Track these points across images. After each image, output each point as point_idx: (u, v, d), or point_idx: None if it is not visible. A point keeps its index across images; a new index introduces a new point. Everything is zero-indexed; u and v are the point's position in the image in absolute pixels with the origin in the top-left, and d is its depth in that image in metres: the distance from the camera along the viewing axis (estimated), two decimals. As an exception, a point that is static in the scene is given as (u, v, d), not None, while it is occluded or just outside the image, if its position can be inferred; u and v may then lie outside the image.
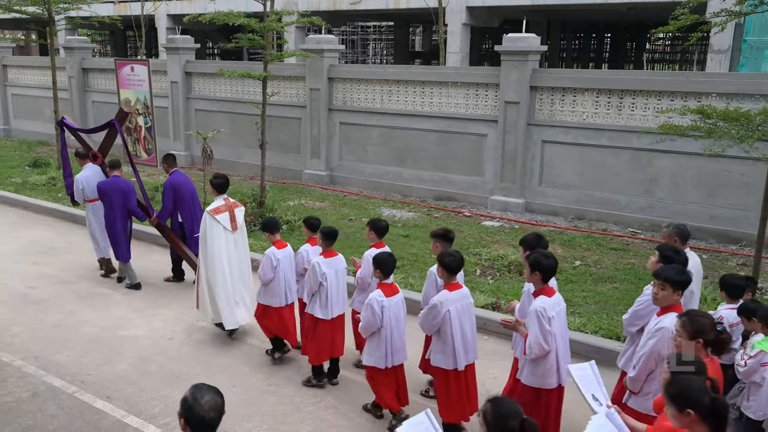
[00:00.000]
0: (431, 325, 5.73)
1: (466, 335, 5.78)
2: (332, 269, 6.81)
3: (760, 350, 5.22)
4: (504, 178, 13.30)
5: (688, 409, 3.44)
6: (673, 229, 6.30)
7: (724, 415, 3.43)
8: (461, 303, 5.75)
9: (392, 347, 6.06)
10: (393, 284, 6.14)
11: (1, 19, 25.37)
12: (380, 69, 17.25)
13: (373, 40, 40.16)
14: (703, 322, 4.29)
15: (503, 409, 3.35)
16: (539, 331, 5.16)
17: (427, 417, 3.82)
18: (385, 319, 5.96)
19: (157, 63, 18.53)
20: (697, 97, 11.30)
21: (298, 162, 16.19)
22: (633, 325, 5.54)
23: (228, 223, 7.98)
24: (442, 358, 5.77)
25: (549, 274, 5.33)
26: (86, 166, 10.24)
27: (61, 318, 8.60)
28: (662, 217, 11.82)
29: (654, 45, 38.58)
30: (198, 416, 3.28)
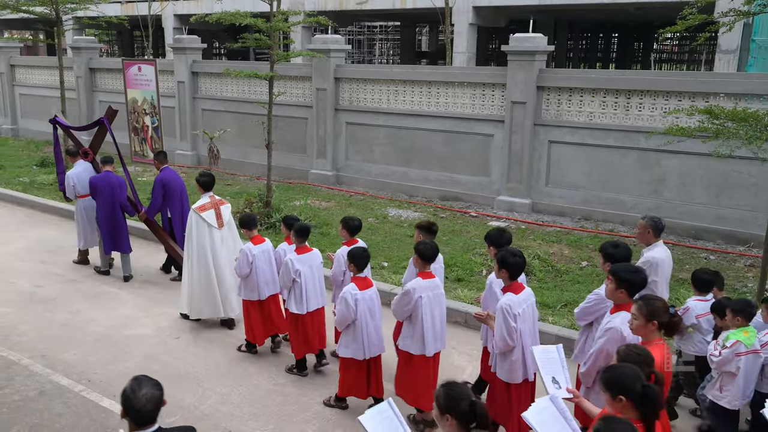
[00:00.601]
0: (403, 310, 5.93)
1: (435, 323, 5.99)
2: (306, 265, 6.99)
3: (737, 340, 5.39)
4: (510, 179, 13.27)
5: (620, 395, 3.62)
6: (648, 221, 6.43)
7: (654, 402, 3.60)
8: (433, 292, 5.96)
9: (368, 339, 6.20)
10: (367, 278, 6.32)
11: (9, 19, 25.44)
12: (387, 69, 17.24)
13: (380, 40, 40.17)
14: (657, 305, 4.48)
15: (454, 392, 3.50)
16: (504, 327, 5.30)
17: (389, 406, 3.98)
18: (360, 311, 6.12)
19: (164, 63, 18.56)
20: (705, 98, 11.25)
21: (305, 162, 16.19)
22: (583, 320, 5.69)
23: (214, 220, 8.23)
24: (411, 343, 5.97)
25: (516, 271, 5.46)
26: (77, 163, 10.47)
27: (67, 317, 8.63)
28: (670, 218, 11.77)
29: (662, 45, 38.51)
30: (135, 408, 3.49)
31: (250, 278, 7.48)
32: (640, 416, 3.62)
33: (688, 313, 6.14)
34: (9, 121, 23.23)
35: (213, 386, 6.95)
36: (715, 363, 5.52)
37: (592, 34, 38.52)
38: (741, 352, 5.40)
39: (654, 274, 6.15)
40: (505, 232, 6.38)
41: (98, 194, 9.84)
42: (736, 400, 5.47)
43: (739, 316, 5.55)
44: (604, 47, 39.50)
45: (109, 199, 9.84)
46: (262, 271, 7.48)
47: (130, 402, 3.50)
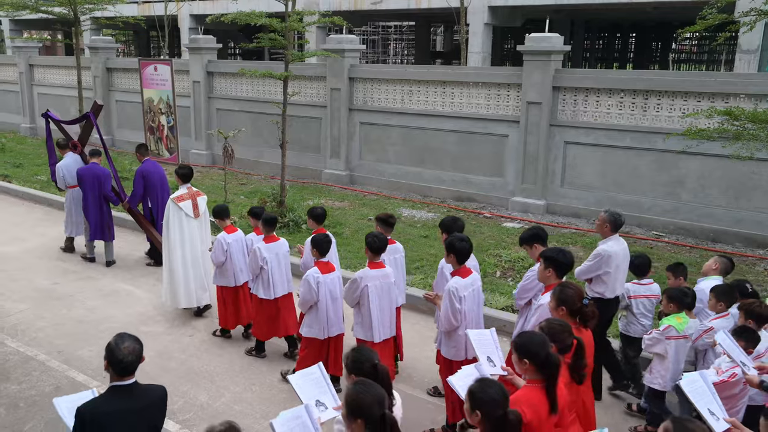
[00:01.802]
0: (351, 298, 6.31)
1: (383, 311, 6.33)
2: (273, 253, 7.37)
3: (669, 325, 5.78)
4: (525, 179, 13.22)
5: (525, 359, 3.97)
6: (608, 215, 6.68)
7: (556, 368, 3.94)
8: (381, 281, 6.28)
9: (329, 320, 6.56)
10: (329, 263, 6.67)
11: (28, 19, 25.66)
12: (401, 69, 17.22)
13: (394, 40, 40.14)
14: (569, 293, 4.76)
15: (360, 356, 3.91)
16: (449, 307, 5.69)
17: (318, 369, 4.31)
18: (321, 293, 6.48)
19: (179, 63, 18.64)
20: (724, 98, 11.15)
21: (318, 162, 16.21)
22: (521, 298, 6.13)
23: (190, 210, 8.70)
24: (361, 330, 6.34)
25: (463, 256, 5.79)
26: (67, 155, 11.08)
27: (84, 313, 8.69)
28: (687, 220, 11.70)
29: (680, 45, 38.18)
30: (117, 359, 3.88)
31: (225, 266, 7.85)
32: (542, 379, 3.95)
33: (621, 294, 6.69)
34: (27, 120, 23.42)
35: (226, 384, 6.97)
36: (646, 345, 5.93)
37: (609, 34, 38.28)
38: (672, 336, 5.76)
39: (606, 265, 6.52)
40: (458, 220, 6.74)
41: (84, 185, 10.44)
42: (665, 382, 5.85)
43: (672, 303, 5.86)
44: (621, 47, 39.24)
45: (94, 190, 10.43)
46: (236, 259, 7.86)
47: (113, 354, 3.89)
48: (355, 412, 3.42)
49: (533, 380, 4.01)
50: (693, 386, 4.62)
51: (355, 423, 3.42)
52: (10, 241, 11.69)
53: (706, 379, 4.67)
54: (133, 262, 10.82)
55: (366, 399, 3.42)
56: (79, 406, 3.91)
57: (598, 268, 6.57)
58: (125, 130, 20.36)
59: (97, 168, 10.50)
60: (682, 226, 11.73)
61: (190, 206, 8.69)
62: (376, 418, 3.38)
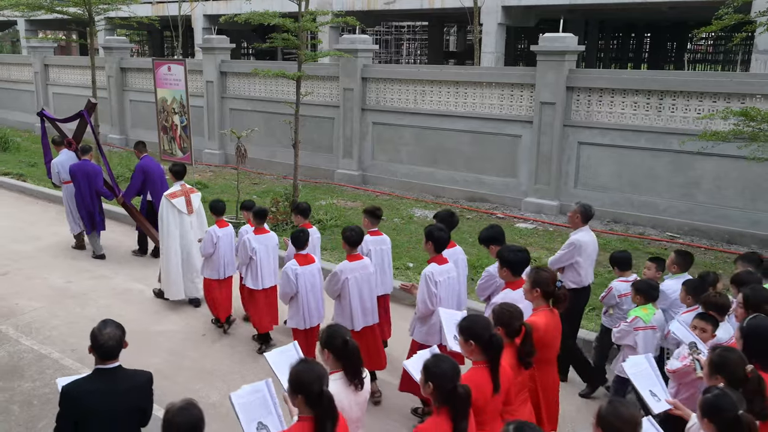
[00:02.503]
0: (332, 290, 6.54)
1: (364, 301, 6.58)
2: (262, 245, 7.70)
3: (636, 316, 5.97)
4: (538, 180, 13.16)
5: (471, 340, 4.19)
6: (580, 207, 6.99)
7: (498, 349, 4.17)
8: (360, 272, 6.54)
9: (309, 311, 6.83)
10: (308, 255, 6.93)
11: (43, 19, 25.82)
12: (414, 69, 17.20)
13: (407, 40, 40.09)
14: (543, 275, 4.97)
15: (333, 331, 4.16)
16: (426, 292, 5.93)
17: (294, 347, 4.52)
18: (300, 285, 6.74)
19: (193, 63, 18.71)
20: (740, 99, 11.06)
21: (331, 161, 16.21)
22: (481, 294, 6.36)
23: (184, 207, 9.00)
24: (341, 320, 6.49)
25: (440, 244, 6.08)
26: (62, 152, 11.41)
27: (97, 312, 8.70)
28: (703, 222, 11.61)
29: (695, 45, 37.92)
30: (99, 343, 4.13)
31: (214, 258, 8.15)
32: (486, 359, 4.18)
33: (611, 293, 6.80)
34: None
35: (238, 383, 6.94)
36: (615, 337, 6.14)
37: (623, 34, 38.08)
38: (639, 327, 5.93)
39: (577, 254, 6.87)
40: (453, 214, 7.02)
41: (76, 180, 10.80)
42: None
43: (639, 295, 6.07)
44: (635, 47, 39.03)
45: (85, 185, 10.77)
46: (224, 252, 8.16)
47: (96, 339, 4.14)
48: (297, 388, 3.60)
49: (478, 361, 4.23)
50: (636, 369, 4.83)
51: (296, 398, 3.62)
52: (25, 240, 11.77)
53: (651, 362, 4.86)
54: (146, 261, 10.86)
55: (307, 376, 3.59)
56: (63, 385, 4.18)
57: (571, 257, 6.90)
58: (139, 129, 20.45)
59: (88, 165, 10.85)
60: (697, 227, 11.65)
61: (183, 203, 9.01)
62: (315, 394, 3.54)
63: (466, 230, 12.07)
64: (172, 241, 8.90)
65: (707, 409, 3.54)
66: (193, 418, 3.61)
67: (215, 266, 8.17)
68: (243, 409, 4.18)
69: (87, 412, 4.08)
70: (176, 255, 8.89)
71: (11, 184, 15.78)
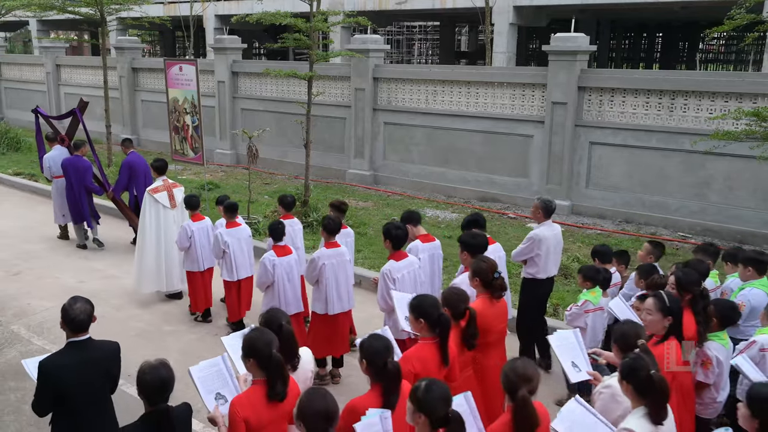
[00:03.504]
0: (311, 276, 6.86)
1: (340, 286, 6.88)
2: (235, 238, 7.97)
3: (585, 300, 6.32)
4: (550, 180, 13.12)
5: (421, 318, 4.53)
6: (540, 202, 7.26)
7: (447, 327, 4.53)
8: (336, 259, 6.84)
9: (285, 299, 7.07)
10: (285, 246, 7.24)
11: (55, 20, 25.96)
12: (425, 69, 17.18)
13: (419, 40, 40.05)
14: (482, 266, 5.29)
15: (269, 316, 4.51)
16: (384, 288, 6.20)
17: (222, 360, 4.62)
18: (277, 275, 7.03)
19: (204, 63, 18.76)
20: (752, 99, 10.99)
21: (342, 161, 16.22)
22: None
23: (167, 201, 9.29)
24: (318, 304, 6.88)
25: (398, 242, 6.38)
26: (54, 148, 11.85)
27: (109, 312, 8.75)
28: (715, 222, 11.55)
29: (707, 45, 37.68)
30: (70, 317, 4.45)
31: (191, 251, 8.42)
32: (434, 336, 4.53)
33: None
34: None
35: (250, 384, 6.98)
36: (567, 320, 6.45)
37: (635, 34, 37.89)
38: (589, 309, 6.30)
39: (537, 247, 7.15)
40: (414, 213, 7.30)
41: (67, 175, 11.22)
42: None
43: (587, 281, 6.42)
44: (647, 47, 38.83)
45: (76, 180, 11.15)
46: (200, 245, 8.41)
47: (67, 313, 4.46)
48: (248, 352, 3.99)
49: (427, 338, 4.57)
50: (561, 342, 5.11)
51: (248, 362, 4.01)
52: (37, 240, 11.83)
53: (578, 337, 5.16)
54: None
55: (257, 342, 3.97)
56: (40, 360, 4.46)
57: (531, 250, 7.20)
58: (150, 129, 20.54)
59: (78, 160, 11.25)
60: (709, 227, 11.58)
61: (166, 197, 9.29)
62: (266, 356, 3.92)
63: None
64: (149, 235, 9.17)
65: (625, 371, 3.90)
66: (163, 376, 3.84)
67: (193, 259, 8.44)
68: (202, 381, 4.48)
69: (64, 383, 4.35)
70: (151, 249, 9.12)
71: (23, 184, 15.88)
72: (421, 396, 3.49)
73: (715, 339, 5.20)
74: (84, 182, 11.18)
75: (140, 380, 3.82)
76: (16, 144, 19.97)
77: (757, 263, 6.08)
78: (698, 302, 5.12)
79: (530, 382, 3.75)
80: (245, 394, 4.02)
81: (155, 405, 3.80)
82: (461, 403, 4.05)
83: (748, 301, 5.93)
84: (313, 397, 3.53)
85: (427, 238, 7.03)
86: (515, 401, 3.73)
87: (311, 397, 3.53)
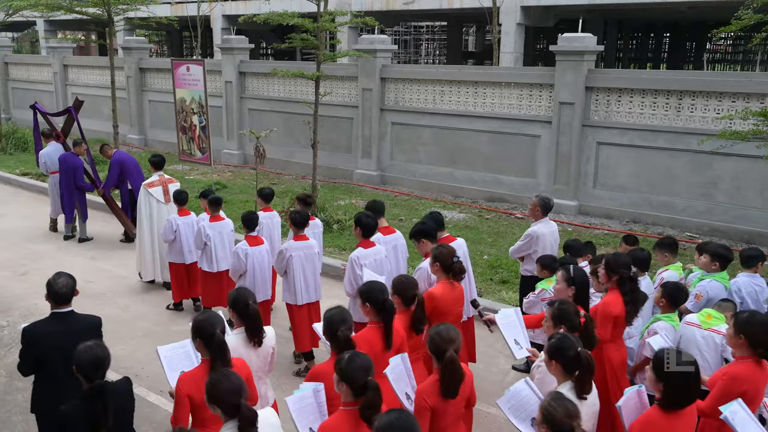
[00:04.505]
0: (279, 266, 7.20)
1: (307, 278, 7.20)
2: (216, 231, 8.26)
3: (542, 288, 6.57)
4: (557, 180, 13.10)
5: (367, 303, 4.82)
6: (539, 200, 7.48)
7: (391, 312, 4.82)
8: (304, 252, 7.17)
9: (256, 287, 7.32)
10: (257, 236, 7.59)
11: (62, 20, 26.06)
12: (433, 69, 17.17)
13: (426, 40, 40.03)
14: (443, 252, 5.58)
15: (237, 294, 4.88)
16: (351, 274, 6.45)
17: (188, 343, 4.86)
18: (249, 264, 7.37)
19: (212, 63, 18.80)
20: (759, 99, 10.95)
21: (350, 162, 16.23)
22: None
23: (161, 196, 9.70)
24: (288, 295, 7.23)
25: (367, 230, 6.62)
26: (50, 144, 12.26)
27: (116, 312, 8.78)
28: (722, 222, 11.52)
29: (715, 45, 37.54)
30: (54, 290, 4.89)
31: (176, 244, 8.74)
32: (380, 320, 4.80)
33: None
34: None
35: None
36: (525, 307, 6.65)
37: (642, 34, 37.77)
38: (545, 297, 6.46)
39: (535, 244, 7.32)
40: (378, 202, 7.45)
41: (61, 170, 11.57)
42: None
43: (545, 270, 6.65)
44: (654, 47, 38.69)
45: (69, 176, 11.49)
46: (185, 239, 8.70)
47: (51, 287, 4.88)
48: (195, 333, 4.33)
49: (374, 321, 4.84)
50: (505, 320, 5.40)
51: (196, 342, 4.36)
52: (44, 240, 11.89)
53: (519, 316, 5.48)
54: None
55: (203, 323, 4.30)
56: (23, 327, 4.90)
57: (529, 247, 7.37)
58: (157, 129, 20.59)
59: (71, 157, 11.60)
60: (716, 227, 11.55)
61: (160, 192, 9.69)
62: (209, 335, 4.23)
63: (485, 230, 12.05)
64: (145, 227, 9.64)
65: (552, 351, 4.16)
66: (98, 355, 4.14)
67: (178, 251, 8.76)
68: (168, 360, 4.91)
69: (43, 348, 4.76)
70: (148, 241, 9.57)
71: (30, 184, 15.93)
72: (343, 366, 3.77)
73: (665, 319, 5.56)
74: (75, 180, 11.53)
75: (77, 360, 4.09)
76: (23, 144, 20.04)
77: (723, 259, 6.36)
78: (625, 284, 5.41)
79: (454, 343, 4.15)
80: (191, 372, 4.36)
81: (92, 381, 4.09)
82: (398, 363, 4.48)
83: (707, 292, 6.20)
84: (216, 380, 3.75)
85: (388, 230, 7.20)
86: (443, 361, 4.10)
87: (214, 382, 3.74)
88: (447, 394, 4.13)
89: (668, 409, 3.91)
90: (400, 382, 4.47)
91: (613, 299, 5.41)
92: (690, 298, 6.07)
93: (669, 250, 6.85)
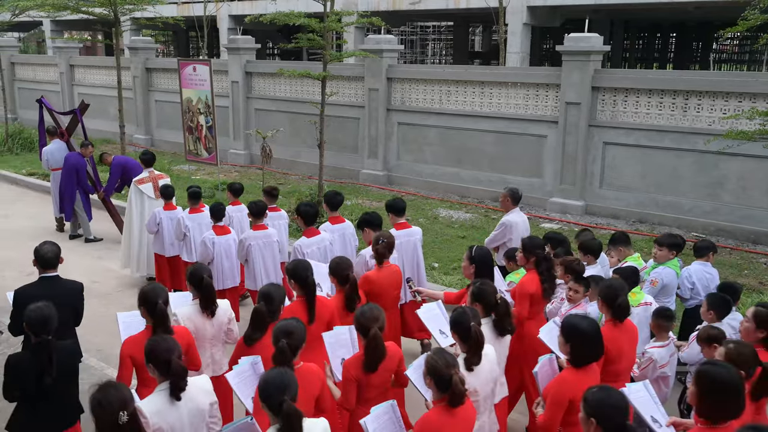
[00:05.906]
0: (240, 255, 7.76)
1: (267, 265, 7.74)
2: (195, 222, 8.62)
3: (511, 281, 6.66)
4: (564, 180, 13.09)
5: (292, 280, 5.35)
6: (508, 191, 7.93)
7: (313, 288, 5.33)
8: (263, 240, 7.70)
9: (223, 274, 7.89)
10: (225, 227, 8.04)
11: (69, 20, 26.13)
12: (439, 69, 17.17)
13: (432, 40, 40.05)
14: (378, 237, 6.20)
15: (194, 269, 5.45)
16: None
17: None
18: (216, 252, 7.82)
19: (218, 63, 18.84)
20: (766, 99, 10.92)
21: (356, 162, 16.24)
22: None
23: (151, 192, 9.93)
24: (251, 282, 7.74)
25: (309, 219, 7.24)
26: (54, 141, 12.32)
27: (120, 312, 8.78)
28: (728, 222, 11.49)
29: (721, 45, 37.46)
30: (40, 254, 5.57)
31: (159, 236, 9.07)
32: (303, 295, 5.31)
33: None
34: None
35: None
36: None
37: (649, 34, 37.71)
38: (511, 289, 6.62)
39: (509, 233, 7.70)
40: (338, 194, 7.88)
41: (64, 168, 11.72)
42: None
43: (510, 262, 6.86)
44: (661, 47, 38.62)
45: (71, 174, 11.66)
46: (167, 232, 8.99)
47: (38, 252, 5.58)
48: (140, 302, 4.86)
49: (299, 296, 5.34)
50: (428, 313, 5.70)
51: (141, 310, 4.89)
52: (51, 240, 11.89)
53: (441, 307, 5.80)
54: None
55: (148, 293, 4.82)
56: (15, 289, 5.52)
57: (504, 236, 7.74)
58: (164, 129, 20.64)
59: (79, 158, 11.81)
60: (722, 227, 11.53)
61: (150, 188, 9.92)
62: (152, 305, 4.76)
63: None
64: (135, 223, 9.90)
65: (451, 323, 4.59)
66: (45, 314, 4.54)
67: (161, 243, 9.08)
68: (125, 326, 5.42)
69: None
70: (137, 236, 9.84)
71: (36, 184, 15.98)
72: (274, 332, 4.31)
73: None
74: (78, 180, 11.72)
75: (27, 318, 4.52)
76: (29, 144, 20.09)
77: (678, 247, 6.86)
78: (541, 264, 5.92)
79: (378, 321, 4.56)
80: (135, 335, 4.91)
81: (39, 337, 4.51)
82: (343, 331, 5.11)
83: (661, 279, 6.64)
84: (152, 341, 4.19)
85: (337, 220, 7.68)
86: (368, 338, 4.49)
87: (151, 343, 4.17)
88: (368, 369, 4.52)
89: (578, 366, 4.40)
90: (337, 349, 5.02)
91: (530, 279, 5.91)
92: (646, 284, 6.61)
93: (622, 244, 7.13)
